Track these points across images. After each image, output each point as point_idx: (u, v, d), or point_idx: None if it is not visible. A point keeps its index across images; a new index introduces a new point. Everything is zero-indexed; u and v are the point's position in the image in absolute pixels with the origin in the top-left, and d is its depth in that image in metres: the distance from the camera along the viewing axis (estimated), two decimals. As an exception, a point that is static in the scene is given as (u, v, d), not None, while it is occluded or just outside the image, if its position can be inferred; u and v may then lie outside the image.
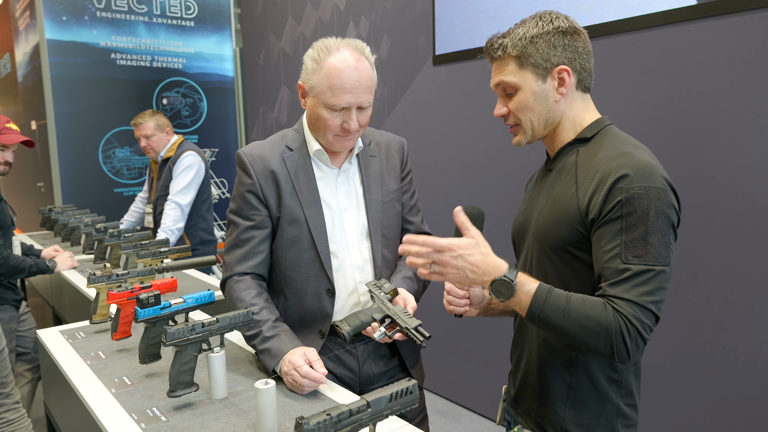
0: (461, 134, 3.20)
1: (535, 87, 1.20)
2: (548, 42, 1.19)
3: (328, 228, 1.54)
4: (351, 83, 1.40)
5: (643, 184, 1.07)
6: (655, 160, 1.13)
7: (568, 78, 1.20)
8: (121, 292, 1.61)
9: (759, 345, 2.08)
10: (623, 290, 1.06)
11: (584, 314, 1.07)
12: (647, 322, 1.05)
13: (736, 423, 2.15)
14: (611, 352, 1.06)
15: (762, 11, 2.00)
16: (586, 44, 1.22)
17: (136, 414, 1.31)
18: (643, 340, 1.06)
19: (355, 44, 1.45)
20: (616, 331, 1.04)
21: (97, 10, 4.61)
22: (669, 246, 1.07)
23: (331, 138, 1.49)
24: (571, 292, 1.11)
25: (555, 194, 1.22)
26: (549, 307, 1.09)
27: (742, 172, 2.08)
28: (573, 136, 1.24)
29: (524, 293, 1.12)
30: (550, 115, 1.22)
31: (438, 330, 3.27)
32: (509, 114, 1.26)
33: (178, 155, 3.42)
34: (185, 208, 3.35)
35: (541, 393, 1.26)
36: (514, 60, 1.21)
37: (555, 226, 1.19)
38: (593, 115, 1.25)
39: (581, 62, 1.21)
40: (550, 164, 1.29)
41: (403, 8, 3.49)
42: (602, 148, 1.17)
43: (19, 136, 2.71)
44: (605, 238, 1.09)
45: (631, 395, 1.22)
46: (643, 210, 1.06)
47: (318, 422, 0.83)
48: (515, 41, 1.20)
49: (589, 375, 1.20)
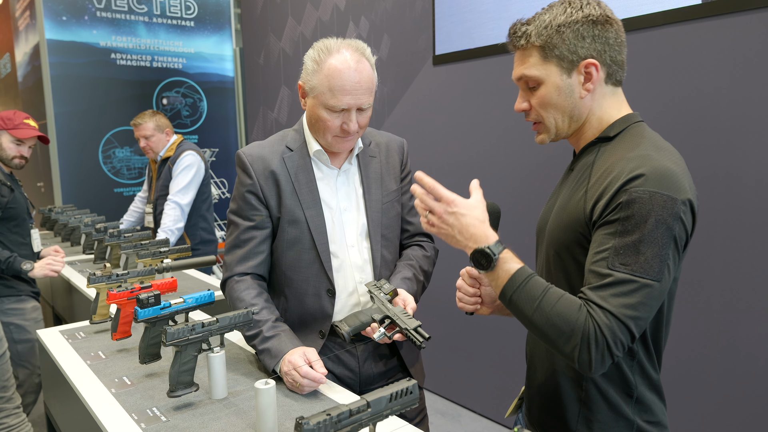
0: (461, 134, 3.20)
1: (559, 81, 1.10)
2: (576, 32, 1.08)
3: (328, 228, 1.54)
4: (351, 85, 1.40)
5: (649, 189, 0.97)
6: (679, 167, 1.02)
7: (596, 73, 1.09)
8: (121, 292, 1.61)
9: (759, 345, 2.08)
10: (603, 297, 0.98)
11: (555, 310, 1.00)
12: (621, 337, 0.97)
13: (736, 423, 2.15)
14: (573, 357, 0.99)
15: (762, 11, 2.00)
16: (618, 34, 1.11)
17: (136, 414, 1.31)
18: (611, 356, 0.97)
19: (356, 45, 1.45)
20: (584, 337, 0.97)
21: (97, 10, 4.61)
22: (665, 260, 0.97)
23: (330, 139, 1.48)
24: (553, 286, 1.04)
25: (567, 196, 1.15)
26: (523, 294, 1.03)
27: (742, 172, 2.08)
28: (597, 133, 1.14)
29: (503, 271, 1.06)
30: (576, 113, 1.13)
31: (438, 330, 3.27)
32: (531, 110, 1.16)
33: (178, 155, 3.42)
34: (185, 208, 3.35)
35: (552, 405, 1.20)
36: (537, 51, 1.11)
37: (561, 230, 1.13)
38: (622, 111, 1.14)
39: (612, 54, 1.10)
40: (573, 163, 1.21)
41: (403, 8, 3.49)
42: (623, 148, 1.07)
43: (35, 131, 2.76)
44: (599, 240, 1.02)
45: (651, 411, 1.13)
46: (642, 216, 0.97)
47: (318, 422, 0.83)
48: (540, 29, 1.10)
49: (599, 389, 1.12)
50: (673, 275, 1.01)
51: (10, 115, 2.72)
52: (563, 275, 1.14)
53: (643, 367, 1.12)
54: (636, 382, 1.11)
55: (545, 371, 1.22)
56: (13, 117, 2.72)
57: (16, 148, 2.72)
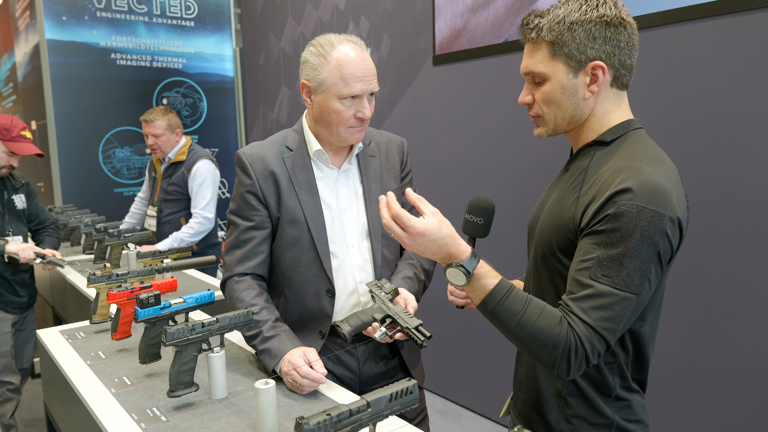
0: (461, 134, 3.20)
1: (564, 80, 1.10)
2: (588, 32, 1.07)
3: (328, 228, 1.54)
4: (361, 71, 1.44)
5: (637, 203, 0.98)
6: (671, 181, 1.02)
7: (603, 75, 1.09)
8: (121, 292, 1.61)
9: (759, 345, 2.08)
10: (584, 309, 1.00)
11: (537, 326, 1.02)
12: (598, 347, 1.01)
13: (736, 423, 2.15)
14: (552, 365, 1.03)
15: (762, 11, 1.99)
16: (631, 38, 1.09)
17: (136, 414, 1.31)
18: (588, 363, 1.02)
19: (353, 38, 1.50)
20: (564, 349, 1.00)
21: (97, 10, 4.61)
22: (646, 275, 0.99)
23: (344, 131, 1.49)
24: (533, 298, 1.06)
25: (558, 199, 1.15)
26: (503, 308, 1.04)
27: (742, 172, 2.08)
28: (595, 136, 1.14)
29: (480, 287, 1.07)
30: (577, 112, 1.12)
31: (438, 330, 3.27)
32: (534, 104, 1.16)
33: (192, 161, 3.33)
34: (212, 223, 3.32)
35: (535, 399, 1.22)
36: (547, 46, 1.10)
37: (550, 232, 1.14)
38: (622, 116, 1.14)
39: (621, 58, 1.09)
40: (568, 164, 1.21)
41: (403, 8, 3.49)
42: (617, 156, 1.07)
43: (32, 147, 2.68)
44: (584, 248, 1.03)
45: (630, 409, 1.15)
46: (628, 230, 0.98)
47: (318, 422, 0.83)
48: (552, 24, 1.08)
49: (579, 387, 1.14)
50: (653, 288, 1.03)
51: (7, 125, 2.61)
52: (549, 276, 1.16)
53: (623, 370, 1.14)
54: (615, 383, 1.13)
55: (529, 366, 1.24)
56: (10, 127, 2.62)
57: (7, 158, 2.64)
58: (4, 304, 2.70)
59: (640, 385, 1.18)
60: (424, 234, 1.05)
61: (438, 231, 1.06)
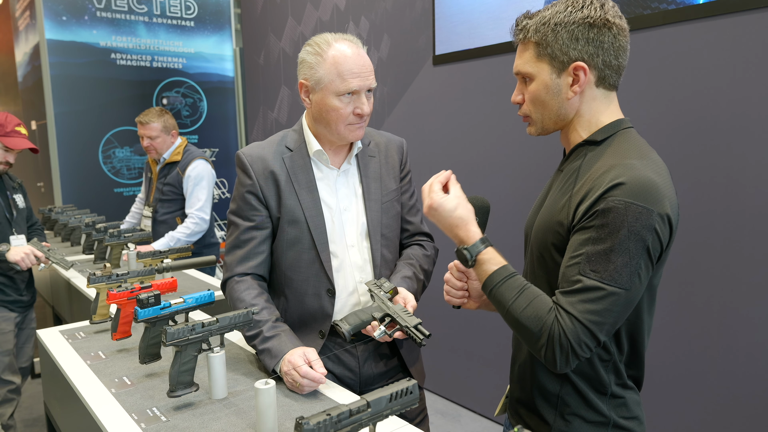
0: (461, 134, 3.20)
1: (548, 80, 1.13)
2: (570, 33, 1.09)
3: (328, 228, 1.54)
4: (358, 67, 1.45)
5: (626, 200, 0.99)
6: (661, 177, 1.03)
7: (584, 76, 1.10)
8: (121, 292, 1.61)
9: (758, 345, 2.08)
10: (571, 303, 1.03)
11: (527, 312, 1.07)
12: (585, 340, 1.02)
13: (736, 423, 2.15)
14: (540, 354, 1.06)
15: (762, 11, 1.99)
16: (616, 38, 1.10)
17: (136, 414, 1.31)
18: (576, 357, 1.03)
19: (349, 36, 1.51)
20: (550, 338, 1.03)
21: (97, 10, 4.61)
22: (635, 270, 1.01)
23: (343, 129, 1.49)
24: (529, 287, 1.10)
25: (553, 199, 1.17)
26: (500, 292, 1.11)
27: (741, 172, 2.08)
28: (585, 136, 1.15)
29: (482, 271, 1.15)
30: (562, 112, 1.14)
31: (438, 330, 3.27)
32: (523, 102, 1.19)
33: (187, 162, 3.33)
34: (207, 223, 3.32)
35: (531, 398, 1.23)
36: (533, 47, 1.13)
37: (545, 232, 1.15)
38: (612, 116, 1.15)
39: (606, 58, 1.10)
40: (562, 164, 1.23)
41: (403, 8, 3.49)
42: (608, 154, 1.09)
43: (26, 142, 2.68)
44: (574, 244, 1.06)
45: (626, 407, 1.16)
46: (615, 226, 0.99)
47: (318, 422, 0.83)
48: (538, 26, 1.12)
49: (575, 385, 1.15)
50: (644, 284, 1.04)
51: (1, 121, 2.61)
52: (545, 274, 1.18)
53: (618, 368, 1.15)
54: (610, 380, 1.15)
55: (525, 365, 1.25)
56: (4, 123, 2.61)
57: (2, 154, 2.64)
58: (9, 303, 2.72)
59: (636, 381, 1.19)
60: (438, 209, 1.18)
61: (451, 211, 1.17)
